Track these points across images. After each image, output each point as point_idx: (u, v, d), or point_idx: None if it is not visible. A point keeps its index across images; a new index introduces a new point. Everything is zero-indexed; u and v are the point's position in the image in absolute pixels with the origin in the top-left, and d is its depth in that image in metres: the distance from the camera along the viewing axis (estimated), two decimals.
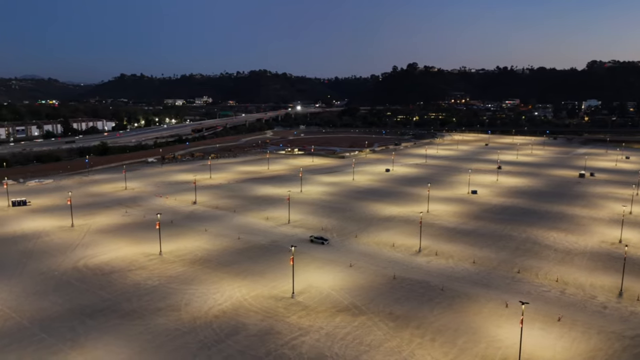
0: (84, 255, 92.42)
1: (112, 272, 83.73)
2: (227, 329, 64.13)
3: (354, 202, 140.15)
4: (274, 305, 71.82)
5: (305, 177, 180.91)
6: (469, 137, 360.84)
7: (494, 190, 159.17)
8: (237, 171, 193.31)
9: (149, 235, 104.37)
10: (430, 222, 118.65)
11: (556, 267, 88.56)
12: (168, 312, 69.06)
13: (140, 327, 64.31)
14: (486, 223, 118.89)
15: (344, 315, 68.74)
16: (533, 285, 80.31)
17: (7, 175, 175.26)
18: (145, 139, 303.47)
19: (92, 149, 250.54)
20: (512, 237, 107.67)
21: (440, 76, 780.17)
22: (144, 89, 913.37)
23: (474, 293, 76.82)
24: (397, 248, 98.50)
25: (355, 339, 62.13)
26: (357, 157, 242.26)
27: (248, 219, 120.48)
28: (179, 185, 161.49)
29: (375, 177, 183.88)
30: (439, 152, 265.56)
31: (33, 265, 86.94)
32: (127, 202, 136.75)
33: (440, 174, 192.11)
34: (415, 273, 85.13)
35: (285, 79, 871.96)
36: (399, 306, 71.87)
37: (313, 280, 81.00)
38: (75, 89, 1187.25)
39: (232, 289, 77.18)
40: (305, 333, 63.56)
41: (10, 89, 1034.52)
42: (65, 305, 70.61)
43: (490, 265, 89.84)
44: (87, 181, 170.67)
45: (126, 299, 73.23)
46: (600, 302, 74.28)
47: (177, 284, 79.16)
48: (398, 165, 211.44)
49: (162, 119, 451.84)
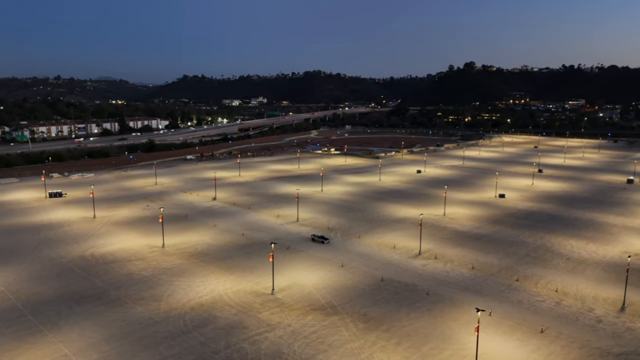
0: (94, 244, 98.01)
1: (113, 262, 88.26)
2: (197, 321, 65.86)
3: (371, 202, 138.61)
4: (251, 300, 72.83)
5: (333, 176, 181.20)
6: (520, 139, 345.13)
7: (525, 195, 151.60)
8: (267, 169, 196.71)
9: (160, 228, 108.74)
10: (443, 225, 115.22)
11: (561, 277, 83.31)
12: (149, 301, 71.89)
13: (118, 315, 67.45)
14: (503, 228, 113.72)
15: (316, 314, 68.51)
16: (528, 294, 76.10)
17: (57, 169, 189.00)
18: (192, 137, 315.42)
19: (140, 146, 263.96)
20: (525, 243, 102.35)
21: (499, 76, 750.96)
22: (205, 89, 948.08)
23: (460, 299, 73.96)
24: (397, 250, 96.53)
25: (318, 338, 61.82)
26: (393, 158, 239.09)
27: (260, 216, 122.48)
28: (207, 182, 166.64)
29: (403, 178, 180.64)
30: (481, 154, 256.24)
31: (46, 252, 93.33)
32: (152, 197, 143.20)
33: (474, 176, 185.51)
34: (406, 276, 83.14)
35: (339, 79, 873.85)
36: (376, 308, 70.61)
37: (299, 278, 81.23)
38: (143, 89, 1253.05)
39: (217, 283, 79.03)
40: (272, 329, 64.01)
41: (85, 89, 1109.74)
42: (59, 291, 75.33)
43: (489, 271, 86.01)
44: (124, 176, 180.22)
45: (116, 287, 76.97)
46: (596, 315, 69.19)
47: (168, 275, 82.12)
48: (432, 167, 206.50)
49: (214, 119, 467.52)
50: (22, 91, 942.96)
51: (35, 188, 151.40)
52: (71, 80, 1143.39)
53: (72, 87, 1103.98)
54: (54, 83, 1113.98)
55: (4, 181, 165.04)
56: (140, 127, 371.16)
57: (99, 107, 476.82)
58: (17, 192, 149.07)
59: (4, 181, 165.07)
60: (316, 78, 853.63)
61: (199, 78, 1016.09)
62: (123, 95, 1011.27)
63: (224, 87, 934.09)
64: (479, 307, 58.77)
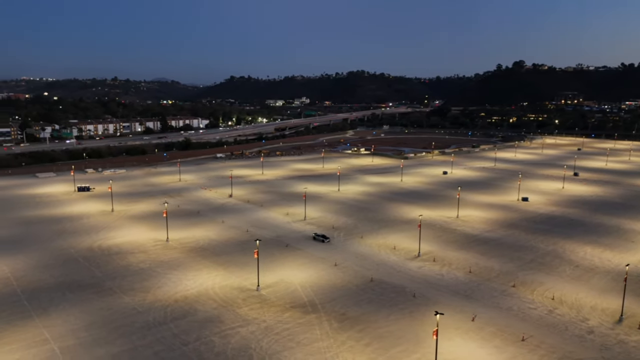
0: (104, 237, 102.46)
1: (116, 254, 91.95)
2: (177, 313, 67.57)
3: (385, 203, 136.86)
4: (235, 295, 73.88)
5: (355, 176, 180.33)
6: (564, 140, 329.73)
7: (551, 198, 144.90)
8: (291, 168, 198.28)
9: (170, 223, 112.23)
10: (453, 228, 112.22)
11: (563, 285, 79.23)
12: (138, 292, 74.43)
13: (105, 304, 70.29)
14: (516, 232, 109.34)
15: (294, 312, 68.62)
16: (521, 301, 72.91)
17: (94, 165, 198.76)
18: (228, 136, 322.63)
19: (176, 144, 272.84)
20: (535, 248, 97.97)
21: (551, 75, 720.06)
22: (250, 90, 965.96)
23: (446, 303, 71.86)
24: (396, 251, 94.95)
25: (289, 335, 61.94)
26: (422, 159, 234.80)
27: (269, 213, 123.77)
28: (228, 180, 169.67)
29: (427, 179, 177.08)
30: (517, 156, 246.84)
31: (59, 242, 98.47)
32: (172, 192, 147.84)
33: (501, 178, 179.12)
34: (397, 277, 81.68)
35: (382, 79, 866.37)
36: (356, 308, 69.85)
37: (288, 276, 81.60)
38: (194, 90, 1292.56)
39: (207, 277, 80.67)
40: (246, 324, 64.72)
41: (139, 90, 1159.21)
42: (59, 279, 79.35)
43: (486, 276, 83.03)
44: (153, 172, 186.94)
45: (111, 278, 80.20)
46: (588, 325, 65.36)
47: (164, 268, 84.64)
48: (460, 168, 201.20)
49: (254, 119, 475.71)
50: (82, 91, 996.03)
51: (68, 182, 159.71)
52: (127, 82, 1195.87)
53: (127, 87, 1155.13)
54: (111, 84, 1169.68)
55: (42, 175, 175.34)
56: (181, 126, 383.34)
57: (147, 107, 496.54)
58: (51, 185, 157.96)
59: (43, 175, 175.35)
60: (359, 78, 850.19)
61: (245, 79, 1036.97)
62: (174, 96, 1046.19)
63: (268, 88, 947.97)
64: (442, 311, 57.06)
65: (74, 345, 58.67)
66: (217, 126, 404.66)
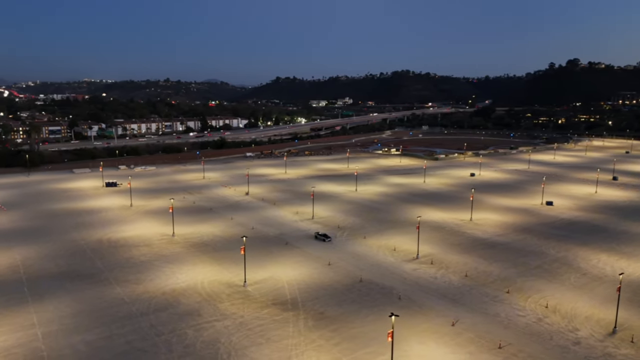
0: (115, 230, 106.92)
1: (122, 246, 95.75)
2: (160, 305, 69.61)
3: (401, 204, 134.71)
4: (221, 290, 75.17)
5: (378, 176, 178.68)
6: (613, 142, 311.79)
7: (579, 203, 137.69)
8: (315, 168, 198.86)
9: (181, 218, 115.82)
10: (463, 231, 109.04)
11: (562, 293, 75.30)
12: (130, 284, 77.22)
13: (97, 293, 73.43)
14: (529, 237, 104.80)
15: (274, 308, 69.03)
16: (511, 308, 69.92)
17: (128, 162, 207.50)
18: (263, 135, 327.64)
19: (211, 143, 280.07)
20: (544, 254, 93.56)
21: (608, 74, 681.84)
22: (295, 90, 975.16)
23: (431, 306, 70.04)
24: (395, 253, 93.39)
25: (261, 332, 62.39)
26: (453, 160, 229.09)
27: (280, 212, 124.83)
28: (252, 178, 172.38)
29: (452, 180, 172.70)
30: (556, 158, 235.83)
31: (73, 234, 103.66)
32: (193, 189, 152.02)
33: (531, 181, 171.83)
34: (388, 279, 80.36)
35: (427, 79, 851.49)
36: (336, 308, 69.36)
37: (279, 273, 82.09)
38: (241, 91, 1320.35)
39: (200, 272, 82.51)
40: (223, 319, 65.76)
41: (190, 91, 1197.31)
42: (63, 269, 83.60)
43: (482, 280, 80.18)
44: (182, 170, 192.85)
45: (110, 269, 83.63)
46: (576, 336, 61.82)
47: (162, 262, 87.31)
48: (491, 170, 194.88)
49: (294, 119, 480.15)
50: (136, 92, 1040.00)
51: (100, 178, 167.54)
52: (178, 83, 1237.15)
53: (178, 88, 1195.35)
54: (163, 85, 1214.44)
55: (78, 171, 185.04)
56: (221, 125, 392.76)
57: (191, 107, 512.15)
58: (84, 181, 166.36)
59: (78, 171, 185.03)
60: (404, 78, 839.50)
61: (290, 80, 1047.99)
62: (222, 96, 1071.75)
63: (313, 88, 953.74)
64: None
65: (56, 331, 61.73)
66: (255, 126, 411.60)
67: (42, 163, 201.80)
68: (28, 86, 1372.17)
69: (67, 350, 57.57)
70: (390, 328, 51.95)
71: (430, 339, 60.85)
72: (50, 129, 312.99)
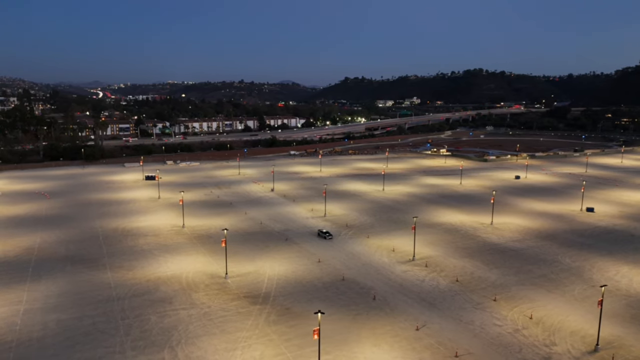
0: (134, 219, 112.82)
1: (132, 235, 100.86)
2: (139, 291, 72.56)
3: (424, 205, 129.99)
4: (201, 280, 76.90)
5: (413, 177, 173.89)
6: None
7: (625, 211, 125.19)
8: (352, 167, 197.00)
9: (198, 211, 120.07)
10: (477, 235, 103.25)
11: (557, 304, 69.05)
12: (122, 270, 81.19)
13: (88, 277, 77.98)
14: (548, 244, 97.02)
15: (243, 301, 69.48)
16: (490, 316, 65.22)
17: (176, 158, 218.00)
18: (316, 135, 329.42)
19: (262, 141, 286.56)
20: (557, 263, 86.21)
21: None
22: (363, 90, 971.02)
23: (404, 309, 67.07)
24: (392, 253, 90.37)
25: (220, 323, 63.06)
26: (504, 162, 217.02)
27: (296, 208, 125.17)
28: (285, 175, 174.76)
29: (492, 183, 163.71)
30: (624, 162, 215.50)
31: (95, 222, 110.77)
32: (223, 184, 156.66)
33: (580, 186, 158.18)
34: (372, 279, 77.98)
35: (502, 77, 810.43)
36: (304, 304, 68.43)
37: (265, 268, 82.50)
38: (312, 91, 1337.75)
39: (190, 262, 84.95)
40: (190, 308, 67.27)
41: (262, 92, 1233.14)
42: (71, 253, 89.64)
43: (472, 286, 75.45)
44: (223, 166, 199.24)
45: (111, 255, 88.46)
46: (549, 351, 56.43)
47: (161, 251, 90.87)
48: (539, 174, 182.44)
49: (354, 118, 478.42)
50: (212, 93, 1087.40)
51: (145, 172, 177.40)
52: (251, 84, 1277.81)
53: (251, 89, 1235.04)
54: (237, 86, 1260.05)
55: (128, 165, 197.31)
56: (279, 125, 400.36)
57: (256, 107, 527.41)
58: (129, 174, 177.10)
59: (129, 165, 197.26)
60: (476, 77, 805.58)
61: (359, 80, 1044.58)
62: (293, 97, 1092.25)
63: (381, 88, 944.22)
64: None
65: (37, 309, 66.40)
66: (310, 125, 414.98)
67: (102, 157, 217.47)
68: (119, 88, 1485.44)
69: (38, 326, 61.74)
70: (317, 326, 50.34)
71: (386, 342, 58.33)
72: (120, 127, 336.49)
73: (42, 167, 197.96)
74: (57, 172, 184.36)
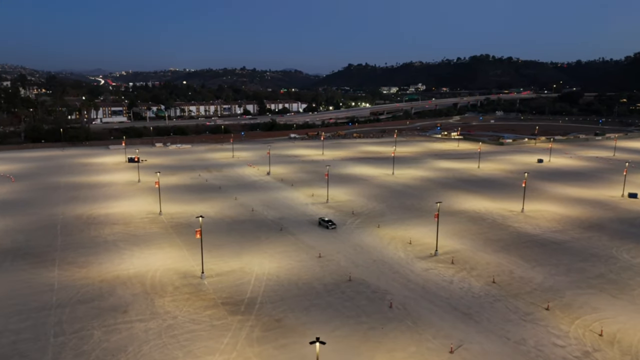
0: (104, 205, 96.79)
1: (97, 224, 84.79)
2: (89, 295, 56.48)
3: (440, 190, 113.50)
4: (171, 281, 60.81)
5: (425, 160, 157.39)
6: None
7: None
8: (357, 150, 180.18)
9: (181, 196, 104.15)
10: (508, 224, 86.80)
11: (629, 315, 52.74)
12: (73, 267, 64.97)
13: (29, 276, 61.95)
14: (597, 235, 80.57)
15: (220, 310, 53.34)
16: (547, 332, 48.91)
17: (166, 140, 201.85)
18: (318, 119, 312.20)
19: (261, 125, 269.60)
20: (614, 259, 69.79)
21: None
22: (367, 77, 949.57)
23: (431, 322, 50.85)
24: (410, 246, 74.05)
25: (186, 341, 47.03)
26: (522, 145, 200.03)
27: (294, 193, 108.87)
28: (285, 158, 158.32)
29: (513, 167, 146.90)
30: None
31: (58, 208, 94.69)
32: (214, 167, 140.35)
33: (613, 170, 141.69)
34: (387, 280, 61.70)
35: (509, 63, 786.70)
36: (300, 315, 52.29)
37: (253, 264, 66.33)
38: (315, 79, 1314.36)
39: (160, 257, 68.91)
40: (150, 319, 51.18)
41: (264, 79, 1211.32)
42: (16, 245, 73.57)
43: (514, 290, 59.11)
44: (217, 148, 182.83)
45: (65, 248, 72.13)
46: None
47: (127, 243, 74.67)
48: (563, 157, 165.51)
49: (357, 104, 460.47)
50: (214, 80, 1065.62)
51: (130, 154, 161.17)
52: (253, 71, 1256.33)
53: (253, 76, 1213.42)
54: (239, 73, 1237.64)
55: (113, 147, 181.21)
56: (280, 109, 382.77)
57: (257, 93, 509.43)
58: (111, 156, 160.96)
59: (113, 147, 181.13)
60: (482, 63, 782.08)
61: (362, 66, 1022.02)
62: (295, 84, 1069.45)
63: (385, 75, 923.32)
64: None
65: None
66: (313, 110, 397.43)
67: (87, 139, 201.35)
68: (121, 75, 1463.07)
69: None
70: None
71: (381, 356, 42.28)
72: (112, 110, 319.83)
73: (20, 149, 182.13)
74: (35, 154, 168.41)
